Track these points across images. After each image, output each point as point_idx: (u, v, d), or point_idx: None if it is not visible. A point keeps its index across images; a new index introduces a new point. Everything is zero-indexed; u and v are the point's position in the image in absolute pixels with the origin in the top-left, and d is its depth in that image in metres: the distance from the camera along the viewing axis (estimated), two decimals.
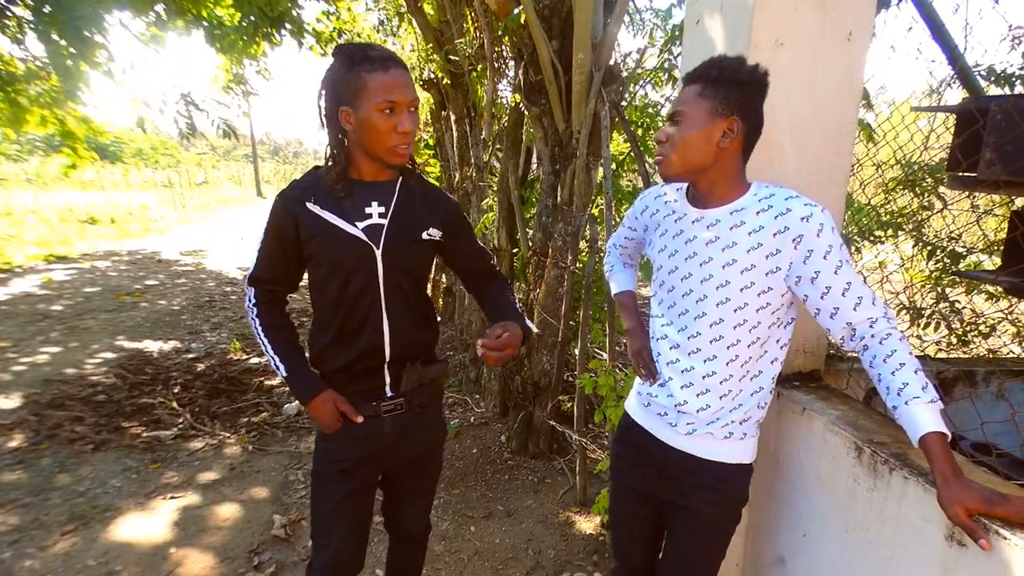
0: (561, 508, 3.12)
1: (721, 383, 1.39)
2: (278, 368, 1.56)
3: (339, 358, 1.55)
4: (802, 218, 1.24)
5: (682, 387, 1.43)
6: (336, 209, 1.46)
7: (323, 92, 1.45)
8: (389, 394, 1.59)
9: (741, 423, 1.42)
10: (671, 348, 1.46)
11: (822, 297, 1.27)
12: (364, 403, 1.57)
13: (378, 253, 1.48)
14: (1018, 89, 3.02)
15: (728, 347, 1.36)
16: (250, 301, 1.59)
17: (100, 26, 4.93)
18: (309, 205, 1.45)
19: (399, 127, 1.39)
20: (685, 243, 1.40)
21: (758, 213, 1.29)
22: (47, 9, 4.58)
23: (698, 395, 1.41)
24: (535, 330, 1.69)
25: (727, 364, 1.37)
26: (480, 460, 3.60)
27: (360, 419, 1.55)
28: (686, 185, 1.44)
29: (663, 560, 1.60)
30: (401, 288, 1.54)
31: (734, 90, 1.26)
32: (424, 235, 1.56)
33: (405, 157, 1.46)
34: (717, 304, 1.34)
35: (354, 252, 1.47)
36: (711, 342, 1.37)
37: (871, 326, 1.25)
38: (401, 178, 1.56)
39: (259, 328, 1.57)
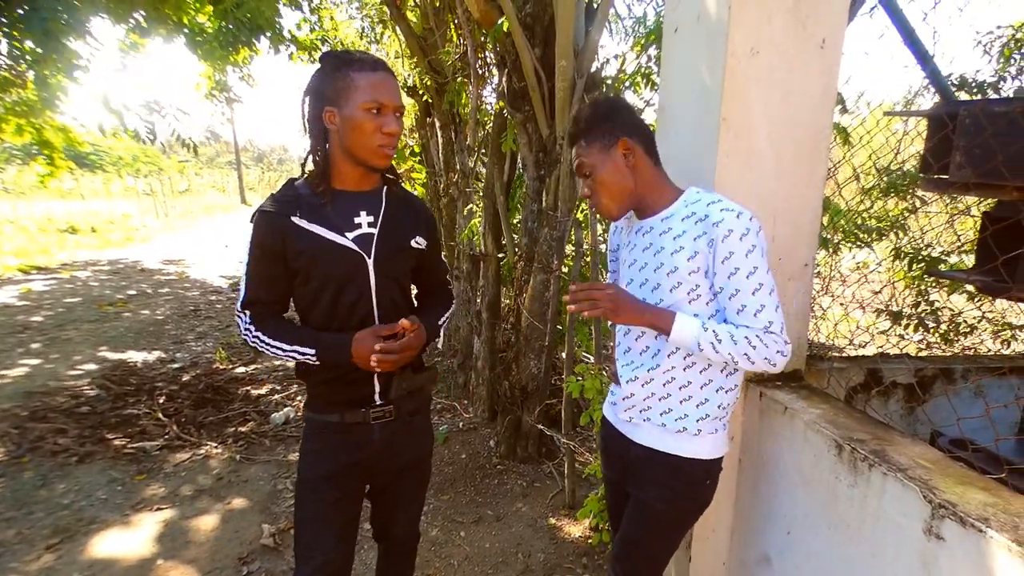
0: (550, 512, 3.14)
1: (664, 372, 1.46)
2: (305, 356, 1.46)
3: (328, 371, 1.52)
4: (714, 223, 1.33)
5: (628, 381, 1.53)
6: (324, 221, 1.44)
7: (307, 96, 1.44)
8: (378, 401, 1.57)
9: (697, 420, 1.46)
10: (625, 352, 1.58)
11: (718, 293, 1.38)
12: (353, 410, 1.55)
13: (370, 263, 1.47)
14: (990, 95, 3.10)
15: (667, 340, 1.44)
16: (246, 324, 1.50)
17: (78, 33, 4.89)
18: (295, 219, 1.42)
19: (384, 127, 1.38)
20: (630, 252, 1.54)
21: (684, 219, 1.40)
22: (20, 13, 4.53)
23: (643, 385, 1.50)
24: (439, 341, 1.70)
25: (668, 356, 1.45)
26: (469, 465, 3.61)
27: (403, 322, 1.46)
28: None
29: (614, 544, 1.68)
30: (392, 297, 1.54)
31: (605, 123, 1.43)
32: (413, 243, 1.57)
33: (388, 160, 1.45)
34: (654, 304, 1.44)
35: (346, 263, 1.45)
36: (655, 337, 1.48)
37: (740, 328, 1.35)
38: (386, 187, 1.55)
39: (265, 340, 1.48)
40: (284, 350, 1.47)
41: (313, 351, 1.46)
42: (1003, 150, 1.45)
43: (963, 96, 2.96)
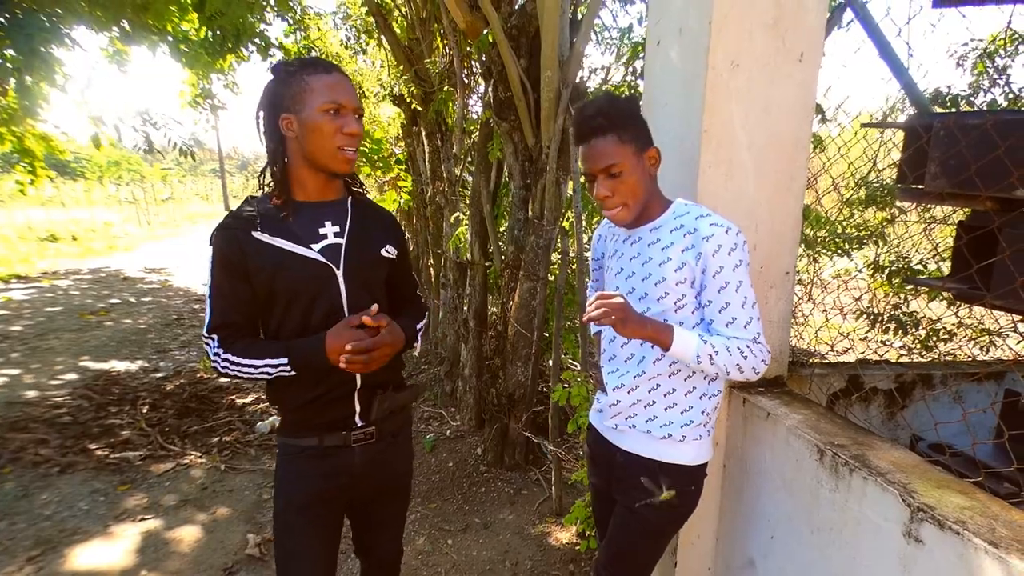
0: (537, 519, 3.14)
1: (649, 379, 1.49)
2: (279, 368, 1.36)
3: (306, 392, 1.43)
4: (704, 237, 1.36)
5: (614, 388, 1.55)
6: (287, 234, 1.36)
7: (262, 108, 1.39)
8: (359, 423, 1.49)
9: (682, 427, 1.48)
10: (610, 359, 1.59)
11: (706, 306, 1.41)
12: (332, 433, 1.47)
13: (339, 274, 1.40)
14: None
15: (653, 346, 1.44)
16: (214, 350, 1.38)
17: (60, 42, 4.85)
18: (256, 234, 1.34)
19: (345, 128, 1.33)
20: (618, 260, 1.55)
21: (672, 231, 1.42)
22: (2, 21, 4.48)
23: (629, 392, 1.52)
24: (416, 346, 1.64)
25: (654, 363, 1.47)
26: (456, 473, 3.60)
27: (375, 307, 1.38)
28: None
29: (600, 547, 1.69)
30: (364, 308, 1.44)
31: (639, 123, 1.41)
32: (383, 252, 1.50)
33: (351, 164, 1.39)
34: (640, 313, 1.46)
35: (314, 276, 1.38)
36: (640, 344, 1.49)
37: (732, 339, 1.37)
38: (351, 196, 1.50)
39: (234, 360, 1.36)
40: (256, 367, 1.36)
41: (286, 360, 1.36)
42: (976, 161, 1.50)
43: (938, 109, 3.03)
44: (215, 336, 1.38)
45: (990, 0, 1.85)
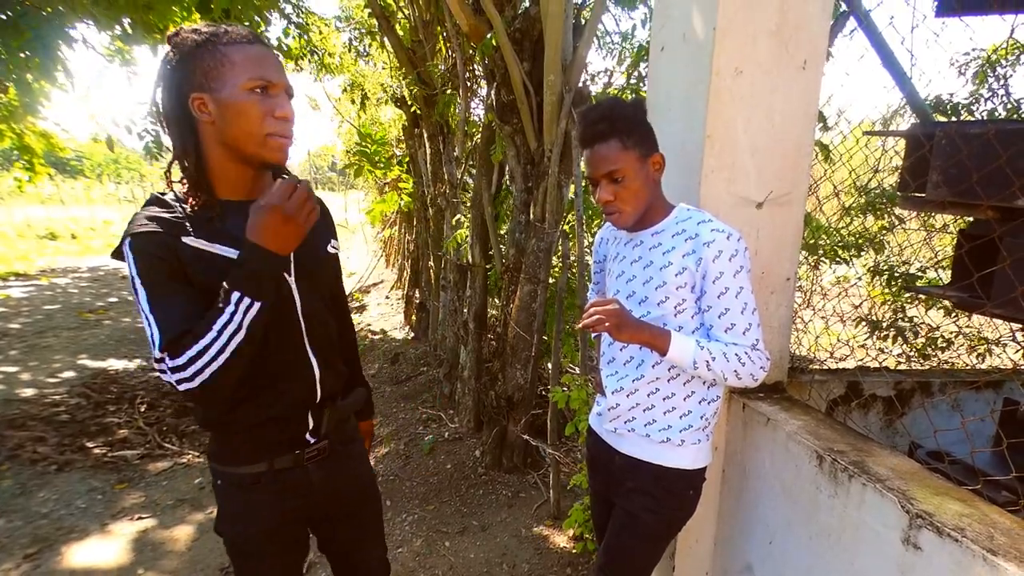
0: (535, 522, 3.14)
1: (648, 383, 1.49)
2: (242, 310, 1.08)
3: (259, 412, 1.25)
4: (705, 243, 1.36)
5: (613, 392, 1.54)
6: (225, 239, 1.14)
7: (162, 84, 1.14)
8: (311, 440, 1.33)
9: (681, 431, 1.48)
10: (609, 362, 1.59)
11: (706, 311, 1.41)
12: (283, 455, 1.30)
13: (291, 280, 1.23)
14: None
15: (652, 350, 1.44)
16: (171, 365, 1.07)
17: (65, 40, 4.85)
18: (188, 240, 1.11)
19: (277, 110, 1.11)
20: (619, 264, 1.55)
21: (673, 236, 1.42)
22: (4, 18, 4.48)
23: (628, 395, 1.51)
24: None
25: (653, 367, 1.47)
26: (454, 475, 3.60)
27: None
28: None
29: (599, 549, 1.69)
30: (321, 318, 1.32)
31: (644, 129, 1.40)
32: (329, 248, 1.36)
33: (285, 153, 1.16)
34: (640, 317, 1.45)
35: None
36: (640, 348, 1.48)
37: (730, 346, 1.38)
38: None
39: (197, 352, 1.07)
40: (219, 331, 1.07)
41: (238, 294, 1.07)
42: (978, 170, 1.50)
43: (939, 117, 3.05)
44: (167, 353, 1.08)
45: (993, 10, 1.86)
